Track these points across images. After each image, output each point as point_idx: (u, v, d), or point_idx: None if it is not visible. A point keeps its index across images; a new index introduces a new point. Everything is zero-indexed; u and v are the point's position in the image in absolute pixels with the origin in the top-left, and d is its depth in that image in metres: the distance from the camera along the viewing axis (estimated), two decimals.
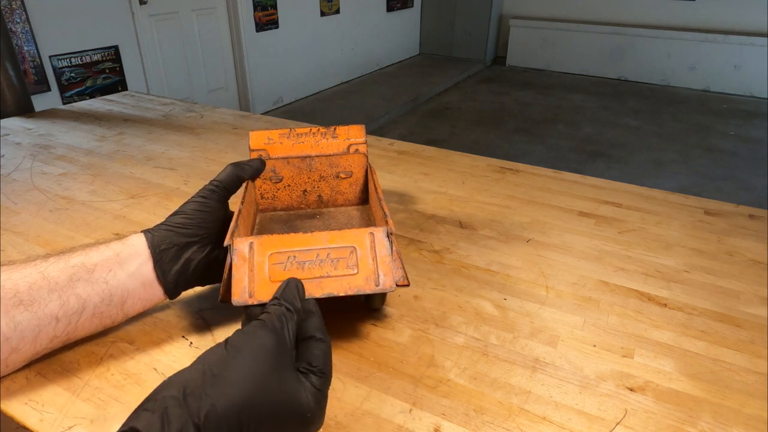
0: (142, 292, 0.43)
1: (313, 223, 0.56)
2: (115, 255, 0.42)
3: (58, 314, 0.39)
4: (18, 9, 2.46)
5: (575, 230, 0.67)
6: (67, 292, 0.40)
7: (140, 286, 0.43)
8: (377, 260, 0.43)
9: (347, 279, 0.42)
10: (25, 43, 2.53)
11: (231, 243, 0.41)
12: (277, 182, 0.56)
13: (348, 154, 0.56)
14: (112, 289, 0.42)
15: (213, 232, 0.47)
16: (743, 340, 0.48)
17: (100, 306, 0.41)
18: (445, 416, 0.40)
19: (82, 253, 0.42)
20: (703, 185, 3.11)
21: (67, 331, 0.41)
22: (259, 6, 3.86)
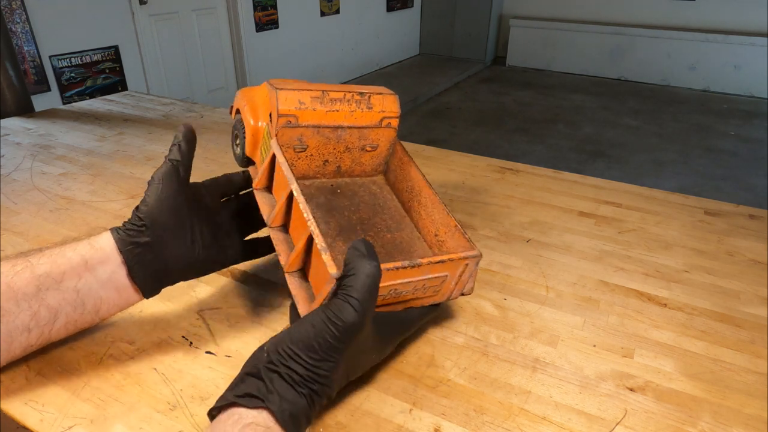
0: (116, 298, 0.42)
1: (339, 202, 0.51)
2: (83, 262, 0.40)
3: (30, 325, 0.39)
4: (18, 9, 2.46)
5: (575, 230, 0.67)
6: (37, 303, 0.38)
7: (114, 292, 0.42)
8: (459, 282, 0.44)
9: (428, 299, 0.44)
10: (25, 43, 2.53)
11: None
12: (300, 151, 0.50)
13: (379, 128, 0.52)
14: (84, 297, 0.40)
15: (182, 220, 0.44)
16: (743, 340, 0.48)
17: (72, 315, 0.40)
18: (445, 416, 0.40)
19: (49, 260, 0.40)
20: (703, 185, 3.11)
21: (41, 340, 0.40)
22: (259, 6, 3.86)
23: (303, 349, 0.33)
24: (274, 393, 0.32)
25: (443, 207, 0.50)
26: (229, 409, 0.32)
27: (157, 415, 0.39)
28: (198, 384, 0.42)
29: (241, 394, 0.32)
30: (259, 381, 0.33)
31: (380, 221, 0.51)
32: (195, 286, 0.54)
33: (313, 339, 0.33)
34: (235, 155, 0.53)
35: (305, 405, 0.33)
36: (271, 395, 0.32)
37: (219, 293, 0.53)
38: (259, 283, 0.55)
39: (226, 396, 0.32)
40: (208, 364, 0.44)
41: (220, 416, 0.32)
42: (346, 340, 0.34)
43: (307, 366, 0.33)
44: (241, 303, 0.52)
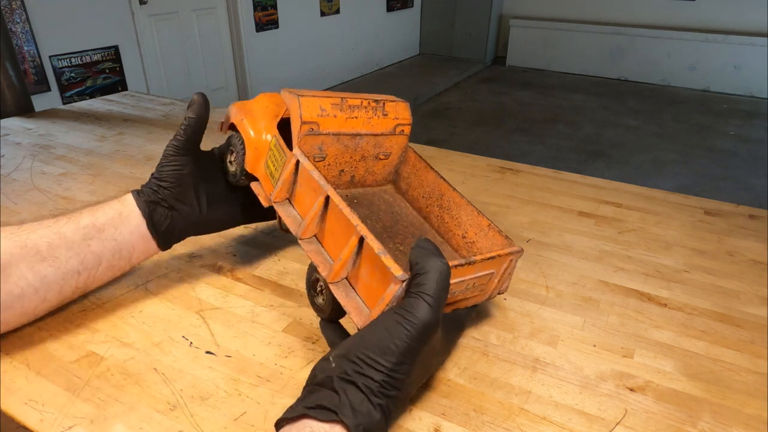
0: (142, 246, 0.49)
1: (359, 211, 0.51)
2: (118, 214, 0.47)
3: (79, 269, 0.45)
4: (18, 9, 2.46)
5: (575, 230, 0.67)
6: (84, 250, 0.45)
7: (140, 240, 0.48)
8: (501, 279, 0.44)
9: (473, 299, 0.44)
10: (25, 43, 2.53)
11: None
12: (319, 160, 0.49)
13: (393, 135, 0.52)
14: (121, 244, 0.47)
15: (188, 184, 0.50)
16: (743, 340, 0.48)
17: (112, 260, 0.47)
18: (445, 416, 0.40)
19: (89, 214, 0.46)
20: (703, 185, 3.11)
21: (86, 283, 0.46)
22: (259, 6, 3.86)
23: (379, 353, 0.32)
24: (347, 406, 0.31)
25: (472, 208, 0.49)
26: (299, 420, 0.31)
27: (157, 415, 0.39)
28: (198, 384, 0.42)
29: (312, 406, 0.31)
30: (331, 392, 0.31)
31: (402, 228, 0.51)
32: (195, 286, 0.54)
33: (390, 341, 0.32)
34: (229, 173, 0.51)
35: (380, 419, 0.31)
36: (345, 408, 0.31)
37: (219, 293, 0.53)
38: (259, 283, 0.55)
39: (296, 407, 0.31)
40: (208, 364, 0.44)
41: (290, 427, 0.31)
42: (423, 340, 0.33)
43: (385, 371, 0.32)
44: (241, 303, 0.52)
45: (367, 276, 0.38)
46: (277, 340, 0.47)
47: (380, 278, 0.36)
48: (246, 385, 0.42)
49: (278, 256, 0.60)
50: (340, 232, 0.40)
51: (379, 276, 0.36)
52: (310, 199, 0.43)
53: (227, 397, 0.41)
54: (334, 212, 0.41)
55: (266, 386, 0.42)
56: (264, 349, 0.46)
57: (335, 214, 0.40)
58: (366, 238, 0.37)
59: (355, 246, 0.38)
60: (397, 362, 0.32)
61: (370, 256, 0.37)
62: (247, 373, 0.43)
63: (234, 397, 0.41)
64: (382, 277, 0.36)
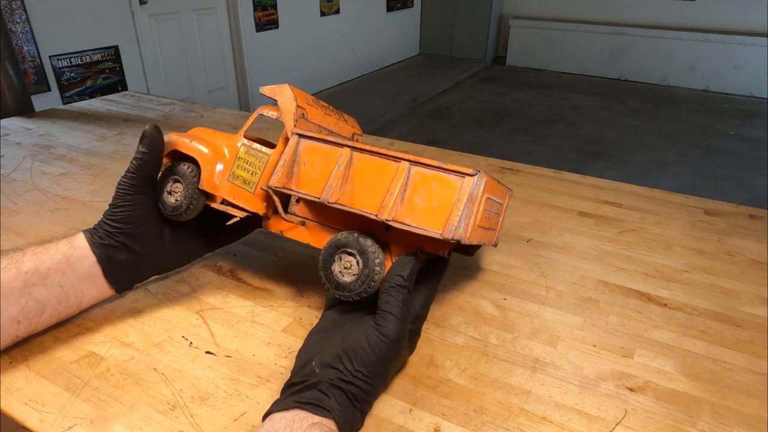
0: (95, 291, 0.46)
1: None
2: (65, 259, 0.44)
3: (19, 317, 0.42)
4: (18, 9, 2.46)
5: (575, 230, 0.67)
6: (25, 297, 0.42)
7: (92, 286, 0.46)
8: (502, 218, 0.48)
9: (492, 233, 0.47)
10: (25, 43, 2.53)
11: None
12: None
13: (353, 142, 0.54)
14: (68, 291, 0.44)
15: (149, 224, 0.47)
16: (743, 340, 0.48)
17: (57, 307, 0.44)
18: (445, 416, 0.40)
19: (33, 257, 0.43)
20: (703, 185, 3.11)
21: (29, 331, 0.43)
22: (259, 6, 3.85)
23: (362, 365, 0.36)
24: (337, 407, 0.34)
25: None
26: (293, 410, 0.34)
27: (157, 415, 0.39)
28: (198, 384, 0.42)
29: (304, 401, 0.34)
30: (320, 393, 0.35)
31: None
32: (195, 286, 0.54)
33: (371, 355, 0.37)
34: (168, 207, 0.48)
35: (360, 420, 0.36)
36: (335, 408, 0.34)
37: (219, 293, 0.53)
38: (259, 283, 0.55)
39: (285, 401, 0.35)
40: (208, 364, 0.44)
41: (285, 414, 0.34)
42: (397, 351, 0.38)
43: (366, 380, 0.36)
44: (241, 303, 0.52)
45: (422, 201, 0.40)
46: (277, 340, 0.47)
47: (441, 192, 0.39)
48: (246, 385, 0.42)
49: (278, 256, 0.60)
50: (375, 178, 0.41)
51: (439, 192, 0.39)
52: (324, 168, 0.43)
53: (227, 397, 0.41)
54: (362, 162, 0.42)
55: (266, 386, 0.42)
56: (264, 349, 0.46)
57: (364, 163, 0.42)
58: (418, 160, 0.40)
59: (403, 176, 0.40)
60: (377, 372, 0.37)
61: (422, 179, 0.40)
62: (247, 373, 0.43)
63: (234, 397, 0.41)
64: (443, 190, 0.39)
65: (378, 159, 0.41)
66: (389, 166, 0.41)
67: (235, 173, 0.47)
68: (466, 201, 0.38)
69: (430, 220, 0.39)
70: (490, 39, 6.04)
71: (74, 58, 2.77)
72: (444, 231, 0.38)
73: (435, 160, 0.40)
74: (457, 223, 0.38)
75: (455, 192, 0.39)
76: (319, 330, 0.42)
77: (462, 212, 0.38)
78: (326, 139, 0.43)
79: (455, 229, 0.38)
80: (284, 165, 0.44)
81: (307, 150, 0.44)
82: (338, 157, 0.42)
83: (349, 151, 0.42)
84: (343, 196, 0.42)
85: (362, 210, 0.41)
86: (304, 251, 0.61)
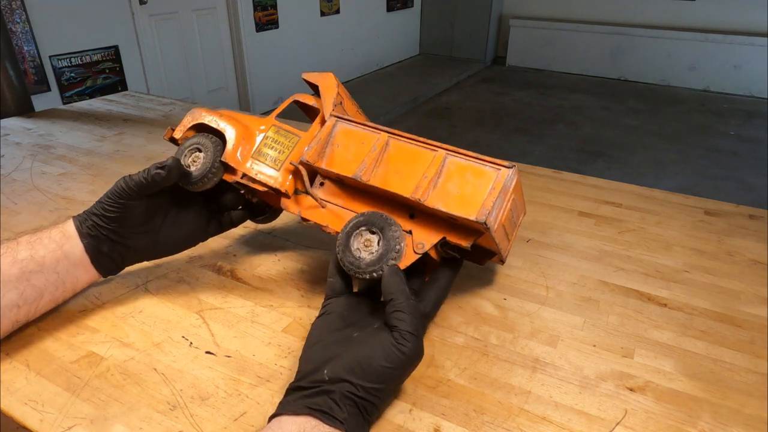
0: (86, 277, 0.48)
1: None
2: (58, 247, 0.46)
3: (18, 302, 0.43)
4: (18, 9, 2.46)
5: (575, 230, 0.67)
6: (23, 284, 0.44)
7: (84, 272, 0.48)
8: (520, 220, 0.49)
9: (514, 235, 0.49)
10: (25, 43, 2.53)
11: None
12: None
13: None
14: (64, 277, 0.46)
15: (138, 223, 0.48)
16: (743, 340, 0.48)
17: (55, 292, 0.46)
18: (445, 416, 0.40)
19: (27, 246, 0.45)
20: (703, 185, 3.11)
21: (28, 315, 0.45)
22: (259, 6, 3.85)
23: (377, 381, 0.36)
24: (348, 420, 0.34)
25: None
26: (303, 416, 0.34)
27: (157, 415, 0.39)
28: (198, 384, 0.42)
29: (316, 408, 0.34)
30: (332, 402, 0.35)
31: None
32: (195, 286, 0.54)
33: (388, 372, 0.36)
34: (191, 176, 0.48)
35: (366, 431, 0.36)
36: (347, 421, 0.34)
37: (219, 293, 0.53)
38: (259, 283, 0.55)
39: (296, 404, 0.34)
40: (208, 364, 0.44)
41: (296, 419, 0.33)
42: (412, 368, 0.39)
43: (380, 395, 0.36)
44: (241, 303, 0.52)
45: (455, 189, 0.41)
46: (277, 340, 0.47)
47: (475, 182, 0.40)
48: (246, 385, 0.42)
49: (278, 256, 0.60)
50: (409, 164, 0.42)
51: (472, 182, 0.40)
52: (359, 150, 0.44)
53: (227, 397, 0.41)
54: (398, 148, 0.43)
55: (266, 386, 0.42)
56: (264, 349, 0.46)
57: (400, 149, 0.43)
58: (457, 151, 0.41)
59: (439, 164, 0.41)
60: (392, 388, 0.38)
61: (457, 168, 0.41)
62: (247, 373, 0.43)
63: (234, 397, 0.41)
64: (477, 180, 0.40)
65: (415, 146, 0.42)
66: (425, 155, 0.42)
67: (261, 150, 0.49)
68: (501, 191, 0.39)
69: (462, 206, 0.40)
70: (490, 39, 6.03)
71: (74, 58, 2.77)
72: (478, 214, 0.39)
73: (472, 152, 0.41)
74: (491, 208, 0.39)
75: (489, 182, 0.40)
76: (325, 324, 0.41)
77: (496, 200, 0.39)
78: (365, 124, 0.44)
79: (488, 214, 0.39)
80: (318, 143, 0.45)
81: (343, 133, 0.45)
82: (374, 142, 0.43)
83: (387, 136, 0.43)
84: (375, 178, 0.43)
85: (394, 190, 0.42)
86: (305, 251, 0.61)
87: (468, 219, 0.39)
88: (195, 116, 0.51)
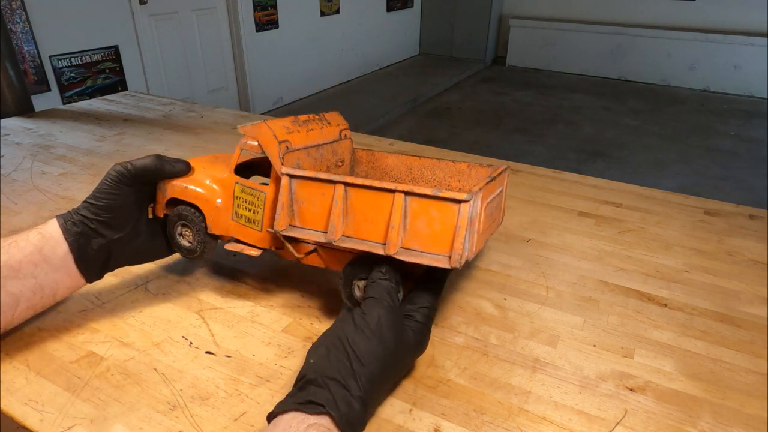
0: (68, 281, 0.45)
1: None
2: (37, 250, 0.43)
3: None
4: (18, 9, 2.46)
5: (575, 230, 0.67)
6: None
7: (66, 276, 0.45)
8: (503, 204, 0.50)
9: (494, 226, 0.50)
10: (25, 43, 2.53)
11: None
12: None
13: (342, 140, 0.54)
14: (42, 282, 0.43)
15: (127, 217, 0.47)
16: (743, 340, 0.48)
17: (32, 299, 0.43)
18: (445, 416, 0.40)
19: (2, 250, 0.42)
20: (703, 185, 3.11)
21: (4, 324, 0.43)
22: (259, 6, 3.85)
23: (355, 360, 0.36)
24: (332, 400, 0.34)
25: (446, 161, 0.53)
26: (290, 413, 0.34)
27: (157, 415, 0.39)
28: (198, 384, 0.42)
29: (301, 401, 0.34)
30: (317, 387, 0.34)
31: None
32: (195, 286, 0.54)
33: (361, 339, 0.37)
34: (184, 250, 0.50)
35: (359, 410, 0.35)
36: (330, 402, 0.34)
37: (219, 293, 0.53)
38: (259, 283, 0.55)
39: (287, 402, 0.34)
40: (208, 364, 0.44)
41: (284, 416, 0.33)
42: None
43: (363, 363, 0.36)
44: (241, 303, 0.52)
45: (424, 228, 0.40)
46: (277, 340, 0.47)
47: (441, 217, 0.39)
48: (246, 385, 0.42)
49: (278, 256, 0.60)
50: (374, 208, 0.42)
51: (439, 217, 0.39)
52: (323, 202, 0.43)
53: (227, 397, 0.41)
54: (358, 195, 0.42)
55: (266, 386, 0.42)
56: (264, 349, 0.46)
57: (360, 195, 0.42)
58: (412, 190, 0.40)
59: (401, 207, 0.40)
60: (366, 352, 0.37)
61: (420, 206, 0.40)
62: (247, 373, 0.43)
63: (234, 397, 0.41)
64: (443, 215, 0.39)
65: (373, 192, 0.42)
66: (385, 197, 0.41)
67: (238, 212, 0.48)
68: (467, 225, 0.39)
69: (436, 243, 0.40)
70: (490, 39, 6.03)
71: (74, 58, 2.77)
72: (451, 261, 0.39)
73: (429, 188, 0.40)
74: (462, 249, 0.39)
75: (455, 216, 0.39)
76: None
77: (465, 237, 0.39)
78: (317, 177, 0.43)
79: (461, 257, 0.39)
80: (283, 208, 0.45)
81: (302, 187, 0.44)
82: (333, 193, 0.43)
83: (343, 187, 0.42)
84: (348, 228, 0.43)
85: (369, 241, 0.42)
86: None
87: (444, 267, 0.40)
88: (165, 192, 0.49)
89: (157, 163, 0.47)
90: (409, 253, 0.41)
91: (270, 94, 4.18)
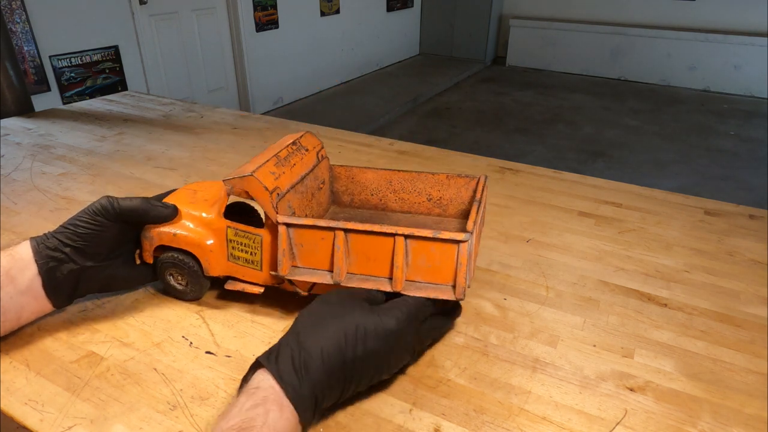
0: (35, 305, 0.44)
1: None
2: (4, 272, 0.42)
3: None
4: (18, 9, 2.46)
5: (575, 230, 0.67)
6: None
7: (32, 299, 0.44)
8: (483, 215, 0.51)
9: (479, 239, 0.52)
10: (25, 43, 2.53)
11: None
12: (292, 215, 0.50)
13: (320, 163, 0.55)
14: (6, 305, 0.42)
15: (104, 248, 0.46)
16: (743, 340, 0.48)
17: None
18: (445, 416, 0.40)
19: None
20: (703, 185, 3.11)
21: None
22: (259, 6, 3.85)
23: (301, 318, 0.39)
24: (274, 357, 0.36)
25: (426, 174, 0.54)
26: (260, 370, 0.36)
27: (157, 415, 0.39)
28: (198, 384, 0.42)
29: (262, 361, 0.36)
30: (274, 349, 0.37)
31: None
32: None
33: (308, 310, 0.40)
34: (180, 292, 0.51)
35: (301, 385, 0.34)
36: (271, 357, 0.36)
37: (219, 293, 0.53)
38: None
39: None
40: (208, 364, 0.44)
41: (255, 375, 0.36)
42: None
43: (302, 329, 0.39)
44: (241, 303, 0.52)
45: (425, 263, 0.43)
46: (276, 340, 0.47)
47: (441, 255, 0.42)
48: None
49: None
50: (376, 249, 0.43)
51: (438, 254, 0.42)
52: (323, 246, 0.44)
53: (227, 397, 0.41)
54: (359, 239, 0.43)
55: None
56: (264, 349, 0.46)
57: (361, 239, 0.43)
58: (413, 233, 0.42)
59: (402, 248, 0.42)
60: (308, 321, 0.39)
61: (420, 246, 0.42)
62: None
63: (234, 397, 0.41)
64: (442, 253, 0.42)
65: (373, 237, 0.43)
66: (386, 241, 0.43)
67: (234, 254, 0.48)
68: (467, 262, 0.42)
69: (439, 275, 0.43)
70: (490, 39, 6.03)
71: (74, 58, 2.77)
72: (456, 293, 0.43)
73: (428, 230, 0.42)
74: (464, 282, 0.42)
75: (454, 254, 0.42)
76: None
77: (466, 272, 0.42)
78: (316, 225, 0.44)
79: (464, 289, 0.43)
80: (284, 254, 0.45)
81: (299, 234, 0.45)
82: (334, 238, 0.44)
83: (343, 234, 0.43)
84: (352, 266, 0.45)
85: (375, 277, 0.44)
86: None
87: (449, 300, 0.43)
88: (152, 240, 0.49)
89: (145, 208, 0.46)
90: (416, 286, 0.43)
91: (270, 94, 4.18)
